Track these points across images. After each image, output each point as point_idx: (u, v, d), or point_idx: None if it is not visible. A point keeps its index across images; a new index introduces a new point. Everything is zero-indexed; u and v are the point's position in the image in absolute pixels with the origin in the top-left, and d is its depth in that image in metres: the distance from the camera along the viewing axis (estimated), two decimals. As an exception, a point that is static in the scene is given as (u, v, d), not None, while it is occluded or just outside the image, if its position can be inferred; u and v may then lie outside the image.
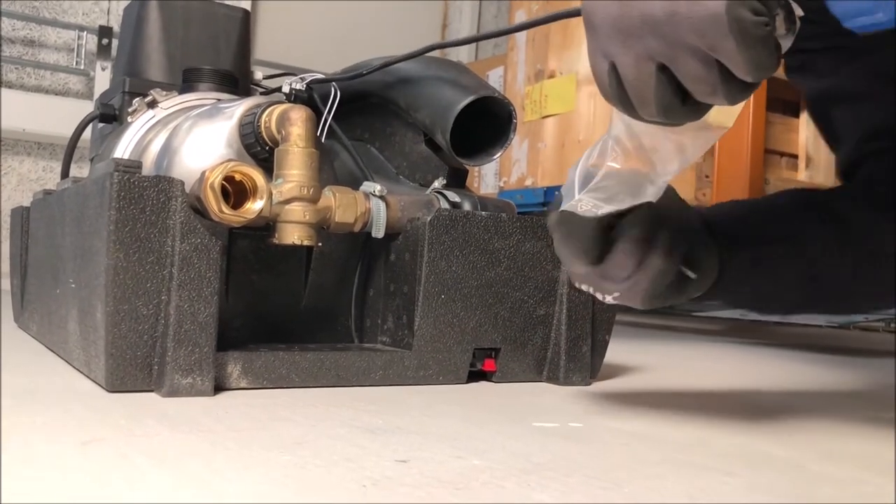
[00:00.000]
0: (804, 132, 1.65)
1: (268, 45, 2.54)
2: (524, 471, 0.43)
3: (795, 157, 1.66)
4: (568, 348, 0.76)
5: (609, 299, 0.59)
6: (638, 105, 0.46)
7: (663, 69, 0.44)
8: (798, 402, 0.79)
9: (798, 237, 0.71)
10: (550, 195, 1.92)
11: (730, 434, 0.58)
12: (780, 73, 0.60)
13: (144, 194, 0.59)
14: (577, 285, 0.61)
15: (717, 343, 1.52)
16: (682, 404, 0.72)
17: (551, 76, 1.94)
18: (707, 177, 1.59)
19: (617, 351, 1.03)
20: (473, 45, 3.01)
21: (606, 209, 0.54)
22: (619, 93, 0.47)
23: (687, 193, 1.60)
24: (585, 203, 0.54)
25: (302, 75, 0.87)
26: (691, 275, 0.59)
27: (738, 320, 2.10)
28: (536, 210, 1.85)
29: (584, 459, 0.47)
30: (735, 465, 0.48)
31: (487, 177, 2.31)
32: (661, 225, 0.57)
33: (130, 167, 0.59)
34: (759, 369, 1.08)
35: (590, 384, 0.78)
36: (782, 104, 1.62)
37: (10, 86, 2.18)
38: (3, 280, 1.96)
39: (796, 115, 1.65)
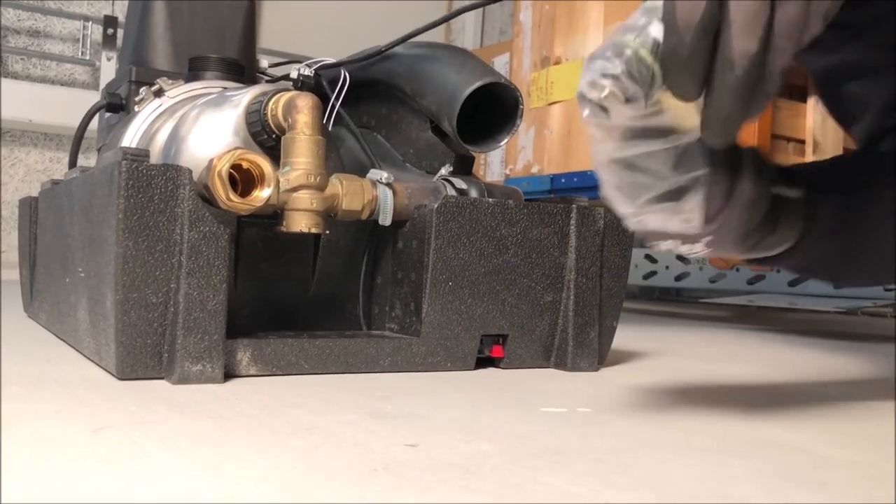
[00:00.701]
0: (811, 117, 1.65)
1: (273, 34, 2.53)
2: (533, 455, 0.43)
3: (803, 142, 1.65)
4: (575, 334, 0.77)
5: (698, 248, 0.51)
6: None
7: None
8: (805, 387, 0.79)
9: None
10: (557, 182, 1.91)
11: (737, 418, 0.58)
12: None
13: (153, 183, 0.59)
14: (656, 245, 0.52)
15: (723, 329, 1.52)
16: (690, 390, 0.72)
17: (557, 62, 1.94)
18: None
19: (624, 337, 1.03)
20: (479, 32, 3.00)
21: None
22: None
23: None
24: None
25: (309, 61, 0.87)
26: (792, 193, 0.52)
27: (744, 307, 2.10)
28: (543, 197, 1.85)
29: (592, 444, 0.47)
30: (743, 449, 0.48)
31: (493, 164, 2.31)
32: (736, 155, 0.49)
33: (138, 156, 0.59)
34: (766, 355, 1.08)
35: (597, 370, 0.78)
36: (789, 89, 1.61)
37: (16, 76, 2.18)
38: (5, 270, 1.97)
39: (803, 99, 1.64)
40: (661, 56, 0.43)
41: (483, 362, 0.75)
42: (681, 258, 1.83)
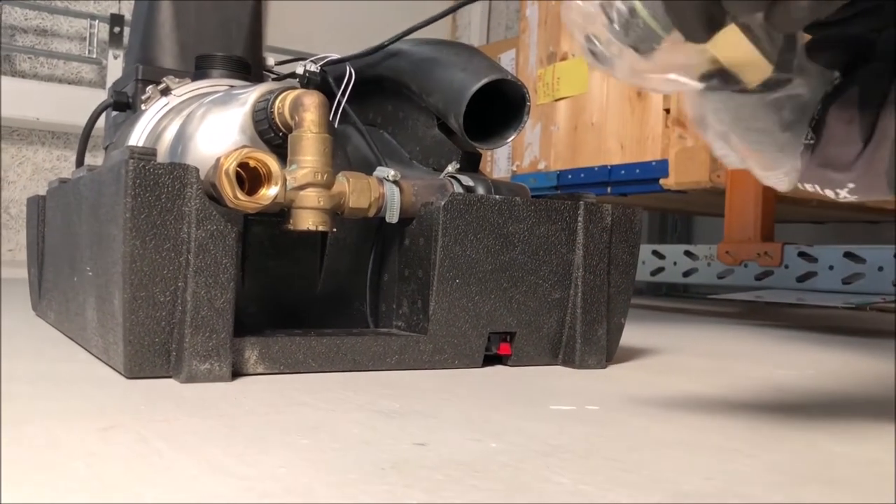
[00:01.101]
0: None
1: (279, 32, 2.53)
2: (542, 453, 0.43)
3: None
4: (583, 331, 0.76)
5: (844, 194, 0.45)
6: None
7: None
8: (816, 384, 0.79)
9: None
10: (564, 178, 1.91)
11: (748, 415, 0.57)
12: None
13: (160, 181, 0.59)
14: (799, 185, 0.46)
15: (732, 326, 1.51)
16: (699, 386, 0.72)
17: (563, 58, 1.93)
18: (722, 158, 1.58)
19: (632, 334, 1.03)
20: (485, 29, 3.00)
21: None
22: None
23: (701, 175, 1.60)
24: None
25: (314, 58, 0.87)
26: None
27: (752, 303, 2.09)
28: (549, 193, 1.84)
29: (602, 442, 0.47)
30: (755, 447, 0.48)
31: (500, 161, 2.30)
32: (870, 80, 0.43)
33: (145, 154, 0.59)
34: (775, 351, 1.07)
35: (605, 367, 0.78)
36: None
37: (24, 75, 2.18)
38: (14, 269, 1.97)
39: None
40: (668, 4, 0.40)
41: (490, 360, 0.75)
42: (689, 254, 1.83)
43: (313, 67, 0.88)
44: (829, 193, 0.45)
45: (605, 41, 0.42)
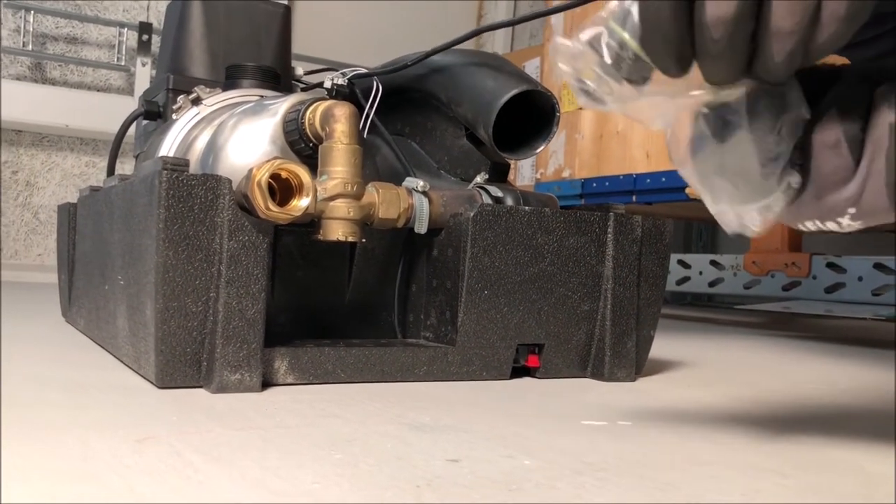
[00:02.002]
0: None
1: (306, 41, 2.55)
2: (576, 471, 0.43)
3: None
4: (612, 344, 0.76)
5: (846, 222, 0.42)
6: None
7: None
8: (850, 399, 0.77)
9: None
10: (588, 187, 1.90)
11: (783, 433, 0.57)
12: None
13: (193, 192, 0.60)
14: (800, 226, 0.43)
15: (759, 337, 1.50)
16: (731, 401, 0.71)
17: (589, 67, 1.92)
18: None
19: (659, 345, 1.02)
20: (509, 36, 3.00)
21: None
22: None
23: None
24: None
25: (343, 70, 0.87)
26: None
27: (779, 313, 2.07)
28: (574, 202, 1.84)
29: (636, 459, 0.46)
30: (790, 466, 0.47)
31: (524, 169, 2.30)
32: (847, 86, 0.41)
33: (178, 165, 0.60)
34: (805, 364, 1.06)
35: (635, 380, 0.77)
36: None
37: (54, 83, 2.21)
38: (43, 274, 1.99)
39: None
40: (641, 37, 0.39)
41: (518, 372, 0.75)
42: (715, 264, 1.81)
43: (341, 80, 0.88)
44: (832, 225, 0.42)
45: (596, 79, 0.42)
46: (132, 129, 1.00)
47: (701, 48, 0.38)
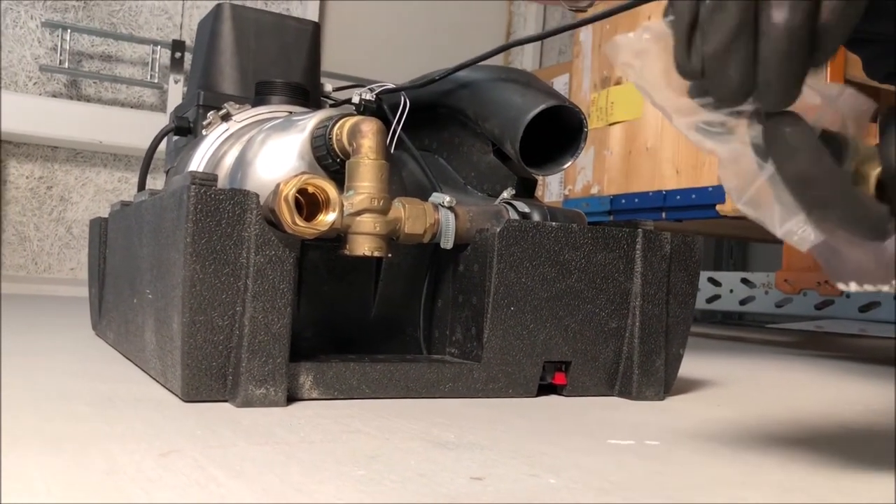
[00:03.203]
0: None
1: (334, 58, 2.57)
2: (603, 490, 0.42)
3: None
4: (641, 362, 0.75)
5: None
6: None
7: None
8: (884, 421, 0.75)
9: None
10: (617, 203, 1.89)
11: (814, 453, 0.55)
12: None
13: (220, 207, 0.60)
14: (853, 287, 0.42)
15: (791, 356, 1.47)
16: (761, 421, 0.69)
17: (618, 83, 1.92)
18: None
19: (689, 364, 1.00)
20: (538, 53, 3.00)
21: None
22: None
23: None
24: None
25: (371, 86, 0.88)
26: None
27: (812, 332, 2.04)
28: (602, 219, 1.82)
29: (663, 479, 0.46)
30: (823, 489, 0.46)
31: (552, 185, 2.29)
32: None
33: (207, 180, 0.60)
34: (838, 384, 1.04)
35: (663, 399, 0.76)
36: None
37: (89, 100, 2.25)
38: (74, 288, 2.02)
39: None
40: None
41: (545, 389, 0.74)
42: (746, 282, 1.79)
43: (369, 96, 0.88)
44: (887, 288, 0.41)
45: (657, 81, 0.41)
46: (163, 145, 1.01)
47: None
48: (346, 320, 0.77)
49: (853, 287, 0.41)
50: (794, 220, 0.41)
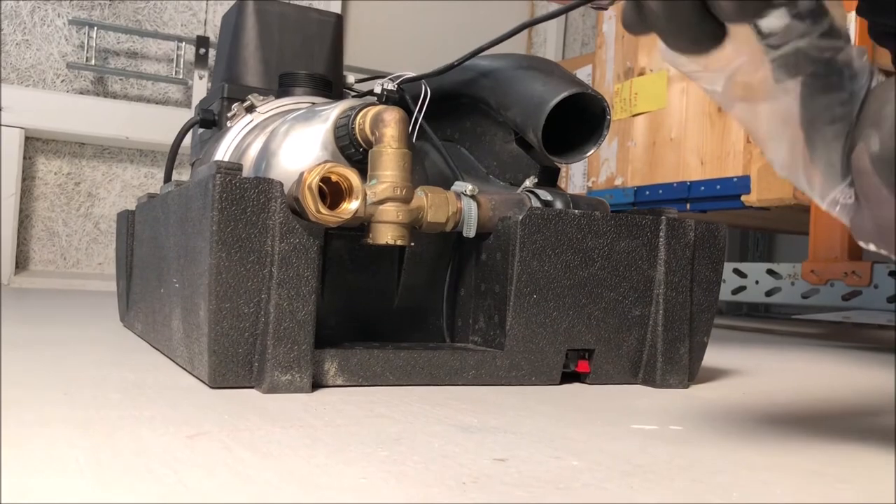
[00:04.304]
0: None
1: (356, 51, 2.58)
2: (626, 473, 0.42)
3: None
4: (665, 350, 0.75)
5: None
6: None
7: None
8: (912, 409, 0.75)
9: None
10: (641, 195, 1.88)
11: (839, 439, 0.55)
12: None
13: (245, 195, 0.61)
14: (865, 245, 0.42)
15: (817, 347, 1.46)
16: (786, 409, 0.69)
17: (641, 73, 1.91)
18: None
19: (714, 354, 1.00)
20: (561, 45, 2.99)
21: None
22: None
23: (785, 191, 1.55)
24: None
25: (392, 76, 0.88)
26: None
27: (840, 324, 2.01)
28: (626, 210, 1.82)
29: (686, 463, 0.45)
30: (848, 472, 0.46)
31: (575, 177, 2.28)
32: None
33: (232, 169, 0.61)
34: (865, 375, 1.03)
35: (687, 387, 0.76)
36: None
37: (115, 96, 2.28)
38: (102, 282, 2.05)
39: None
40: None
41: (568, 377, 0.74)
42: (771, 273, 1.77)
43: (391, 86, 0.88)
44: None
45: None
46: (188, 139, 1.02)
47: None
48: (369, 309, 0.77)
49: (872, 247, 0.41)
50: (838, 189, 0.41)
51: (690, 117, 1.76)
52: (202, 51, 2.28)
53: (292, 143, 0.71)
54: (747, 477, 0.43)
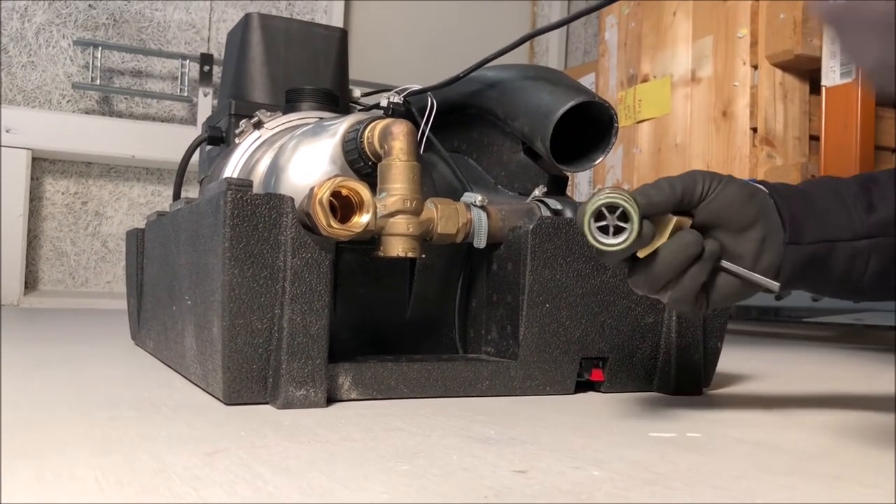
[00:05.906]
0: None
1: (360, 65, 2.59)
2: (647, 481, 0.42)
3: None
4: (678, 356, 0.74)
5: None
6: None
7: None
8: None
9: None
10: (647, 201, 1.87)
11: (860, 443, 0.55)
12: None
13: (257, 212, 0.61)
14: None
15: (831, 350, 1.45)
16: (803, 413, 0.68)
17: (644, 80, 1.91)
18: (813, 176, 1.53)
19: (727, 359, 0.99)
20: (563, 54, 3.00)
21: None
22: None
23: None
24: None
25: (398, 88, 0.88)
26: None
27: (852, 326, 2.00)
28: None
29: (707, 469, 0.45)
30: (873, 476, 0.45)
31: (581, 184, 2.28)
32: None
33: (243, 186, 0.61)
34: (880, 377, 1.02)
35: (702, 393, 0.76)
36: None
37: (121, 115, 2.29)
38: (112, 301, 2.05)
39: (909, 108, 1.56)
40: None
41: (582, 386, 0.74)
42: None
43: (397, 98, 0.89)
44: None
45: None
46: (196, 156, 1.02)
47: None
48: (381, 322, 0.77)
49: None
50: None
51: (695, 122, 1.76)
52: (206, 68, 2.28)
53: (301, 158, 0.71)
54: (770, 482, 0.43)
